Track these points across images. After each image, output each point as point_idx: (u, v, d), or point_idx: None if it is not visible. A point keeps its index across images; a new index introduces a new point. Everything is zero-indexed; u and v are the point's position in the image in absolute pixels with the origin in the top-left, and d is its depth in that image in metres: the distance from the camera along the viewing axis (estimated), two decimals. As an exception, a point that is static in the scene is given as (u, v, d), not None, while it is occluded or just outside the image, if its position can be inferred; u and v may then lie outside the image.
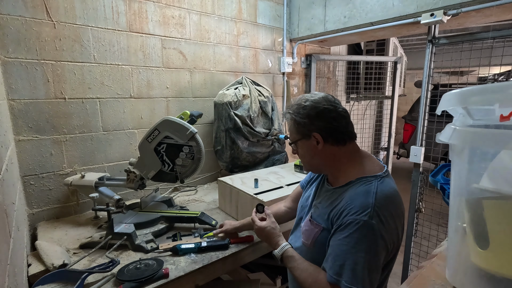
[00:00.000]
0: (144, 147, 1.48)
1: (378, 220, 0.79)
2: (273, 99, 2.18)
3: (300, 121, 0.94)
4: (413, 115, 4.64)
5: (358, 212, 0.80)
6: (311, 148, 0.95)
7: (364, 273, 0.77)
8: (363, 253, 0.78)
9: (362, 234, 0.78)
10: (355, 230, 0.79)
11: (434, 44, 1.90)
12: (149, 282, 1.06)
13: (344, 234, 0.81)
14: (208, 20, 2.13)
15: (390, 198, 0.84)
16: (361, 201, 0.82)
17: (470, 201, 0.72)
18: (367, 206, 0.80)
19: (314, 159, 0.97)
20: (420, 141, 2.03)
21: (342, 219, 0.83)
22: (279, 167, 1.99)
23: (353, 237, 0.79)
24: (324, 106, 0.92)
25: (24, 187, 1.54)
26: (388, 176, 0.91)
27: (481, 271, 0.69)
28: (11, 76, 1.44)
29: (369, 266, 0.78)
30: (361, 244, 0.78)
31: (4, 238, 0.82)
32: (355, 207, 0.81)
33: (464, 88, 0.72)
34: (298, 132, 0.97)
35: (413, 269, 2.23)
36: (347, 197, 0.86)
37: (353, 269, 0.77)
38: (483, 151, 0.68)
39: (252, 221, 1.12)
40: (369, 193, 0.83)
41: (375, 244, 0.79)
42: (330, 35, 2.44)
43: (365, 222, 0.78)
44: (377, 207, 0.80)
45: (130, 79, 1.82)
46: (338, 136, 0.93)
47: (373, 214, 0.79)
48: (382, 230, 0.79)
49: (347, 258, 0.79)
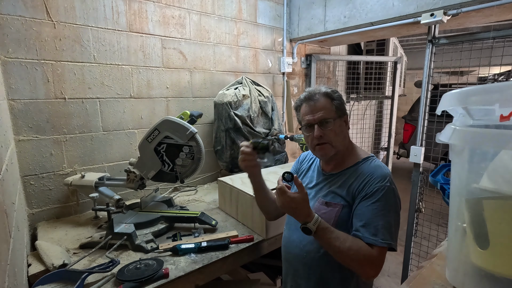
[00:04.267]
0: (144, 147, 1.48)
1: (394, 186, 0.95)
2: (273, 99, 2.18)
3: (338, 102, 1.04)
4: (413, 115, 4.64)
5: (381, 180, 0.94)
6: (342, 127, 1.05)
7: (395, 230, 0.91)
8: (392, 212, 0.92)
9: (389, 197, 0.92)
10: (382, 195, 0.92)
11: (434, 44, 1.90)
12: (149, 282, 1.06)
13: (372, 200, 0.92)
14: (208, 20, 2.13)
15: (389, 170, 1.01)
16: (380, 172, 0.96)
17: (470, 201, 0.72)
18: (386, 175, 0.95)
19: (341, 138, 1.04)
20: (420, 141, 2.03)
21: (368, 188, 0.94)
22: (279, 167, 1.99)
23: (382, 201, 0.91)
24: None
25: (24, 187, 1.54)
26: None
27: (481, 271, 0.69)
28: (11, 76, 1.44)
29: (395, 222, 0.92)
30: (389, 205, 0.92)
31: (4, 238, 0.82)
32: (377, 177, 0.95)
33: (464, 88, 0.72)
34: (337, 112, 1.03)
35: (413, 269, 2.22)
36: (364, 172, 0.98)
37: (386, 228, 0.89)
38: (483, 151, 0.68)
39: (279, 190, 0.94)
40: (381, 166, 0.99)
41: (398, 205, 0.95)
42: (330, 35, 2.44)
43: (388, 187, 0.93)
44: (390, 176, 0.97)
45: (130, 79, 1.82)
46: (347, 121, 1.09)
47: (391, 181, 0.95)
48: (397, 192, 0.95)
49: (379, 219, 0.90)
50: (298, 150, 2.94)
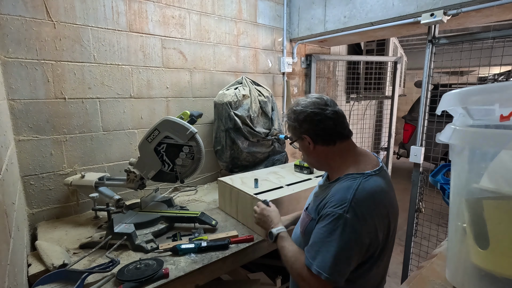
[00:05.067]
0: (144, 147, 1.48)
1: (352, 215, 0.83)
2: (273, 99, 2.18)
3: (291, 124, 1.03)
4: (413, 115, 4.64)
5: (336, 206, 0.86)
6: (305, 148, 1.04)
7: (332, 262, 0.82)
8: (334, 243, 0.83)
9: (335, 226, 0.84)
10: (330, 222, 0.85)
11: (434, 44, 1.90)
12: (149, 282, 1.06)
13: (322, 224, 0.88)
14: (208, 20, 2.13)
15: (371, 195, 0.87)
16: (340, 195, 0.87)
17: (470, 201, 0.72)
18: (344, 201, 0.85)
19: (310, 158, 1.06)
20: (420, 141, 2.03)
21: (323, 210, 0.90)
22: (279, 167, 1.99)
23: (328, 228, 0.85)
24: (310, 110, 0.98)
25: (24, 187, 1.54)
26: (379, 175, 0.93)
27: (481, 271, 0.69)
28: (11, 76, 1.44)
29: (337, 256, 0.83)
30: (333, 235, 0.84)
31: (4, 238, 0.82)
32: (334, 201, 0.87)
33: (464, 88, 0.72)
34: (293, 134, 1.06)
35: (413, 269, 2.23)
36: (331, 192, 0.92)
37: (323, 257, 0.84)
38: (483, 151, 0.68)
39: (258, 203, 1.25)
40: (349, 189, 0.87)
41: (347, 237, 0.83)
42: (330, 35, 2.44)
43: (340, 215, 0.84)
44: (354, 202, 0.84)
45: (130, 79, 1.82)
46: (326, 137, 0.99)
47: (349, 209, 0.83)
48: (356, 225, 0.83)
49: (321, 246, 0.86)
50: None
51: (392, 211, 0.93)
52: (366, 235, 0.85)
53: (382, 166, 0.97)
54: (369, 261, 0.91)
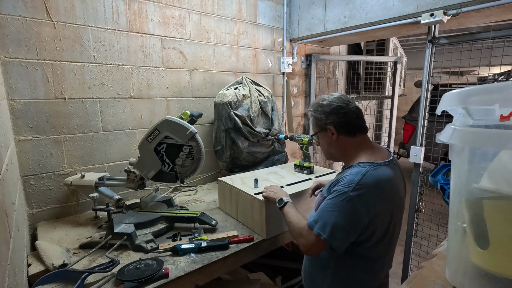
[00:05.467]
0: (144, 147, 1.48)
1: (356, 194, 0.95)
2: (273, 99, 2.18)
3: (318, 116, 1.15)
4: (413, 115, 4.64)
5: (343, 185, 0.98)
6: (327, 138, 1.15)
7: (331, 229, 0.96)
8: (336, 214, 0.96)
9: (340, 201, 0.97)
10: (335, 197, 0.98)
11: (434, 44, 1.90)
12: (149, 282, 1.06)
13: (329, 198, 1.01)
14: (208, 20, 2.13)
15: (376, 181, 0.98)
16: (349, 178, 0.99)
17: (470, 201, 0.72)
18: (352, 182, 0.97)
19: (331, 148, 1.17)
20: (420, 141, 2.03)
21: (333, 188, 1.02)
22: (279, 167, 1.99)
23: (333, 201, 0.98)
24: (337, 104, 1.11)
25: (24, 187, 1.54)
26: (388, 166, 1.05)
27: (481, 271, 0.69)
28: (11, 76, 1.44)
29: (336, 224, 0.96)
30: (337, 207, 0.97)
31: (4, 238, 0.82)
32: (343, 182, 1.00)
33: (464, 88, 0.72)
34: (317, 126, 1.17)
35: (413, 269, 2.23)
36: (343, 175, 1.04)
37: (325, 222, 0.98)
38: (483, 151, 0.68)
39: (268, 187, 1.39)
40: (358, 174, 0.99)
41: (348, 211, 0.96)
42: (330, 35, 2.43)
43: (345, 192, 0.96)
44: (360, 184, 0.96)
45: (130, 79, 1.82)
46: (349, 128, 1.11)
47: (354, 189, 0.96)
48: (357, 203, 0.95)
49: (324, 214, 0.99)
50: (298, 150, 2.94)
51: (397, 199, 1.06)
52: (365, 214, 0.96)
53: (392, 159, 1.09)
54: (371, 239, 1.01)
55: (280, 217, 1.42)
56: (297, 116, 2.99)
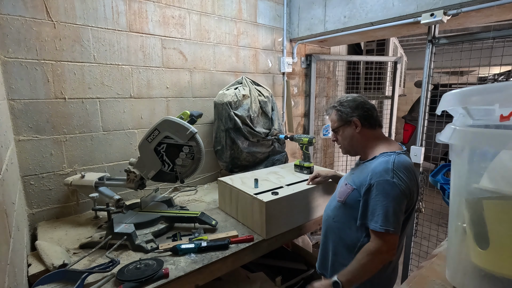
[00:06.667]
0: (144, 147, 1.48)
1: (397, 178, 1.05)
2: (273, 99, 2.18)
3: (344, 110, 1.24)
4: (413, 115, 4.64)
5: (382, 175, 1.06)
6: (350, 131, 1.24)
7: (394, 217, 1.03)
8: (391, 203, 1.04)
9: (387, 189, 1.05)
10: (382, 188, 1.05)
11: (434, 44, 1.90)
12: (149, 282, 1.06)
13: (374, 193, 1.07)
14: (208, 20, 2.13)
15: (404, 165, 1.09)
16: (382, 167, 1.08)
17: (470, 201, 0.72)
18: (388, 170, 1.07)
19: (353, 140, 1.25)
20: (420, 141, 2.03)
21: (370, 181, 1.09)
22: (279, 167, 1.99)
23: (381, 193, 1.05)
24: (360, 100, 1.25)
25: (24, 187, 1.54)
26: (406, 154, 1.18)
27: (481, 271, 0.69)
28: (11, 76, 1.44)
29: (395, 211, 1.04)
30: (388, 197, 1.04)
31: (4, 238, 0.82)
32: (378, 172, 1.08)
33: (464, 88, 0.72)
34: (341, 119, 1.26)
35: (413, 269, 2.22)
36: (373, 167, 1.12)
37: (385, 216, 1.03)
38: (483, 151, 0.68)
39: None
40: (388, 162, 1.09)
41: (397, 195, 1.04)
42: (330, 35, 2.43)
43: (387, 180, 1.05)
44: (395, 169, 1.06)
45: (130, 79, 1.82)
46: (372, 121, 1.23)
47: (393, 175, 1.06)
48: (401, 185, 1.05)
49: (381, 209, 1.05)
50: (298, 150, 2.94)
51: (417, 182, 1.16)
52: (407, 192, 1.07)
53: (406, 150, 1.22)
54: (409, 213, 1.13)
55: (280, 217, 1.43)
56: (297, 116, 2.98)
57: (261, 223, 1.40)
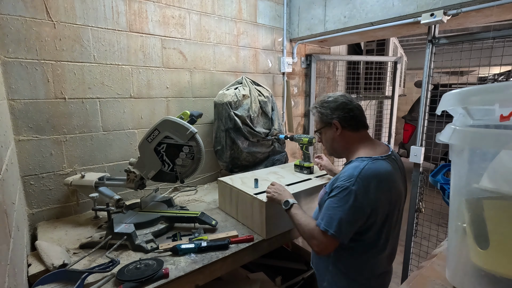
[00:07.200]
0: (144, 147, 1.48)
1: (357, 187, 1.00)
2: (273, 99, 2.18)
3: (323, 111, 1.21)
4: (413, 115, 4.64)
5: (344, 180, 1.03)
6: (331, 133, 1.21)
7: (337, 223, 1.01)
8: (341, 209, 1.01)
9: (343, 196, 1.02)
10: (338, 192, 1.03)
11: (434, 44, 1.90)
12: (149, 282, 1.06)
13: (332, 195, 1.05)
14: (208, 20, 2.13)
15: (374, 173, 1.03)
16: (349, 172, 1.04)
17: (470, 201, 0.72)
18: (352, 177, 1.02)
19: (334, 143, 1.22)
20: (420, 141, 2.03)
21: (333, 185, 1.07)
22: (279, 167, 1.99)
23: (337, 197, 1.03)
24: (342, 100, 1.18)
25: (24, 187, 1.54)
26: (386, 160, 1.09)
27: (481, 271, 0.69)
28: (11, 76, 1.44)
29: (342, 219, 1.01)
30: (341, 203, 1.02)
31: (4, 238, 0.82)
32: (343, 177, 1.05)
33: (464, 88, 0.72)
34: (322, 121, 1.23)
35: (413, 269, 2.22)
36: (343, 170, 1.10)
37: (331, 218, 1.02)
38: (483, 151, 0.68)
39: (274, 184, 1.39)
40: (357, 168, 1.04)
41: (351, 205, 1.00)
42: (330, 35, 2.43)
43: (347, 187, 1.01)
44: (359, 178, 1.01)
45: (130, 79, 1.82)
46: (353, 123, 1.17)
47: (355, 183, 1.01)
48: (359, 196, 1.00)
49: (330, 211, 1.04)
50: (298, 150, 2.94)
51: (395, 191, 1.09)
52: (368, 205, 1.01)
53: (391, 154, 1.13)
54: (371, 229, 1.07)
55: (280, 217, 1.43)
56: (297, 116, 2.99)
57: (261, 223, 1.40)
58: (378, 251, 1.12)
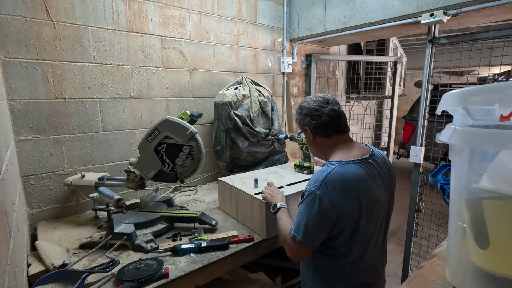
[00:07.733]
0: (144, 147, 1.48)
1: (322, 190, 0.99)
2: (273, 99, 2.18)
3: (297, 117, 1.23)
4: (413, 115, 4.64)
5: (310, 185, 1.03)
6: (307, 138, 1.23)
7: (304, 229, 1.01)
8: (307, 214, 1.01)
9: (309, 201, 1.02)
10: (305, 197, 1.03)
11: (434, 44, 1.90)
12: (149, 282, 1.06)
13: (301, 200, 1.06)
14: (208, 20, 2.13)
15: (341, 178, 1.00)
16: (315, 176, 1.04)
17: (470, 201, 0.72)
18: (317, 181, 1.01)
19: (311, 147, 1.25)
20: (420, 141, 2.03)
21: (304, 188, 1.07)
22: (279, 167, 1.99)
23: (304, 203, 1.04)
24: (312, 107, 1.15)
25: (24, 187, 1.54)
26: (359, 164, 1.05)
27: (481, 271, 0.69)
28: (11, 76, 1.44)
29: (308, 224, 1.00)
30: (306, 207, 1.02)
31: (4, 238, 0.82)
32: (310, 181, 1.05)
33: (464, 88, 0.72)
34: (299, 126, 1.24)
35: (413, 269, 2.22)
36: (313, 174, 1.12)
37: (299, 224, 1.03)
38: (483, 151, 0.68)
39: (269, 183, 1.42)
40: (324, 172, 1.03)
41: (317, 209, 0.99)
42: (330, 35, 2.44)
43: (312, 192, 1.01)
44: (324, 182, 1.00)
45: (130, 79, 1.82)
46: (322, 130, 1.15)
47: (319, 186, 1.00)
48: (323, 200, 0.99)
49: (298, 216, 1.04)
50: (298, 150, 2.94)
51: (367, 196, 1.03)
52: (332, 210, 0.99)
53: (367, 158, 1.08)
54: (341, 235, 1.04)
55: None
56: (297, 116, 2.98)
57: (261, 223, 1.40)
58: (354, 261, 1.07)
